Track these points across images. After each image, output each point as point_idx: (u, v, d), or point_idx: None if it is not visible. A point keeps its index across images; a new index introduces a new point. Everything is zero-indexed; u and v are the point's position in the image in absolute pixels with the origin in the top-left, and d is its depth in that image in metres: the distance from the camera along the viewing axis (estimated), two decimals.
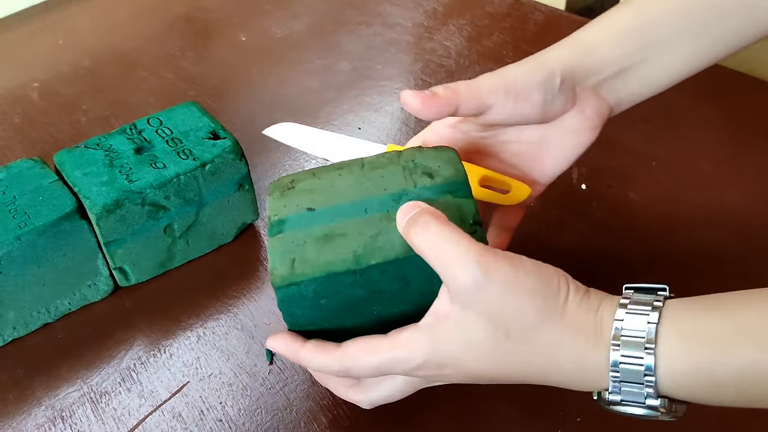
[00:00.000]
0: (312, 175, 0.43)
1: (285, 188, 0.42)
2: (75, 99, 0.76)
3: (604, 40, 0.47)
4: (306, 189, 0.42)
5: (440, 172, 0.42)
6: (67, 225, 0.51)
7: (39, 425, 0.49)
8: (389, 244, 0.39)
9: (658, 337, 0.35)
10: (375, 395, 0.42)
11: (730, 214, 0.62)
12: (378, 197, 0.41)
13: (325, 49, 0.83)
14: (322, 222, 0.41)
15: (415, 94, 0.43)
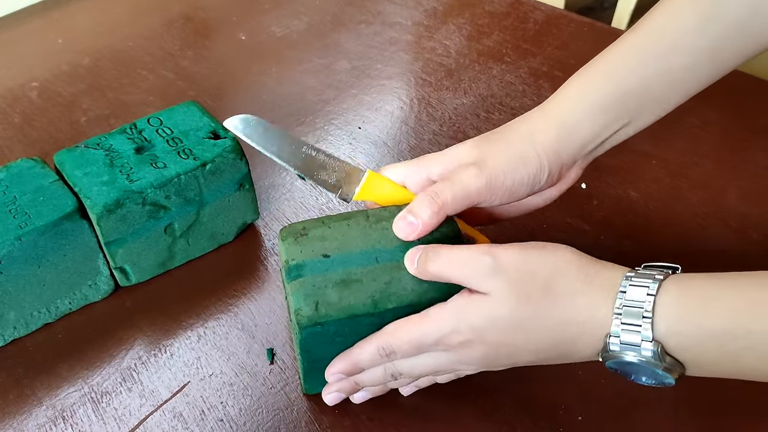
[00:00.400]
0: (322, 224, 0.48)
1: (298, 234, 0.47)
2: (74, 98, 0.76)
3: (586, 116, 0.47)
4: (318, 236, 0.47)
5: (438, 228, 0.46)
6: (68, 225, 0.51)
7: (40, 425, 0.49)
8: (402, 291, 0.44)
9: (658, 290, 0.38)
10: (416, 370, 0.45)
11: (730, 211, 0.62)
12: (387, 249, 0.46)
13: (325, 48, 0.83)
14: (338, 268, 0.45)
15: (408, 228, 0.45)
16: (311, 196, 0.65)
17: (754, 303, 0.37)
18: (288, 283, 0.46)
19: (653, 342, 0.38)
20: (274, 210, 0.63)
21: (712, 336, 0.37)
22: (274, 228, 0.62)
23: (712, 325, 0.37)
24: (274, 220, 0.62)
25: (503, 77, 0.78)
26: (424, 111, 0.74)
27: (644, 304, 0.38)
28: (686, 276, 0.40)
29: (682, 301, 0.38)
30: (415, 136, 0.71)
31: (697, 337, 0.38)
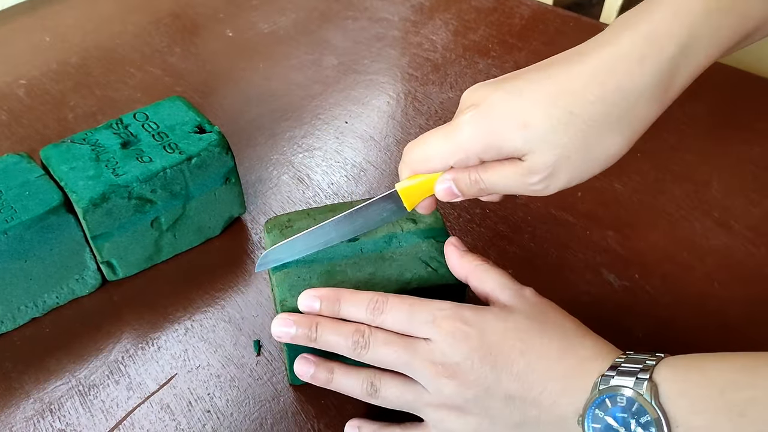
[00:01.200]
0: (306, 215, 0.49)
1: (283, 226, 0.48)
2: (62, 95, 0.76)
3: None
4: (303, 228, 0.47)
5: (422, 219, 0.48)
6: (54, 219, 0.51)
7: (27, 418, 0.49)
8: (386, 281, 0.45)
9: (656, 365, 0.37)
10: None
11: (713, 204, 0.62)
12: (371, 239, 0.47)
13: (312, 44, 0.83)
14: (323, 259, 0.46)
15: (451, 196, 0.44)
16: (298, 190, 0.65)
17: (756, 359, 0.35)
18: (273, 275, 0.46)
19: (649, 380, 0.36)
20: (261, 204, 0.64)
21: (712, 383, 0.35)
22: (260, 222, 0.62)
23: (713, 376, 0.35)
24: (261, 214, 0.63)
25: (489, 72, 0.78)
26: (411, 105, 0.74)
27: (645, 358, 0.37)
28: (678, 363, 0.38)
29: (679, 365, 0.37)
30: (402, 131, 0.71)
31: (695, 382, 0.36)
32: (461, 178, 0.42)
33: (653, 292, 0.55)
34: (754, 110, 0.72)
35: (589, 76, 0.39)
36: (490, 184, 0.42)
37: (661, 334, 0.52)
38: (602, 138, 0.39)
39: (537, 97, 0.39)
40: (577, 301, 0.55)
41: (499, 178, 0.41)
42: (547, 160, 0.39)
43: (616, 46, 0.39)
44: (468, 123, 0.40)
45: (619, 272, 0.57)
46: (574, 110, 0.39)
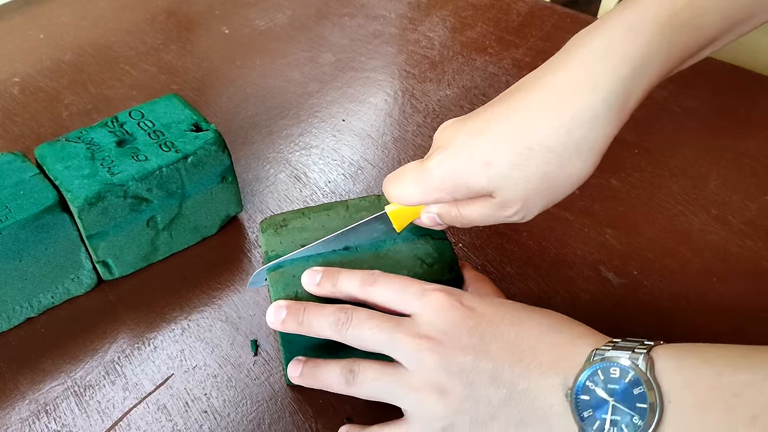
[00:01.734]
0: (302, 215, 0.48)
1: (278, 226, 0.48)
2: (57, 93, 0.76)
3: None
4: (298, 227, 0.47)
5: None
6: (49, 218, 0.51)
7: (23, 419, 0.48)
8: None
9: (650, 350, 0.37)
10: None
11: (711, 199, 0.62)
12: (367, 239, 0.46)
13: (309, 41, 0.83)
14: (317, 258, 0.45)
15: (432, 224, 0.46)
16: (295, 189, 0.65)
17: (755, 349, 0.35)
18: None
19: (646, 354, 0.36)
20: (258, 203, 0.63)
21: (708, 364, 0.35)
22: (257, 221, 0.62)
23: (710, 359, 0.35)
24: (258, 213, 0.62)
25: (486, 69, 0.78)
26: (408, 103, 0.74)
27: (636, 345, 0.37)
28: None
29: (676, 347, 0.37)
30: (399, 128, 0.71)
31: (690, 362, 0.35)
32: (444, 213, 0.44)
33: (652, 288, 0.55)
34: (750, 105, 0.72)
35: (544, 106, 0.40)
36: (469, 219, 0.43)
37: (660, 329, 0.52)
38: (564, 165, 0.40)
39: (497, 136, 0.40)
40: (576, 298, 0.55)
41: (476, 214, 0.43)
42: (516, 194, 0.41)
43: (570, 71, 0.40)
44: (436, 166, 0.42)
45: (617, 269, 0.57)
46: (532, 145, 0.39)
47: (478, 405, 0.38)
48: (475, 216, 0.43)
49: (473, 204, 0.43)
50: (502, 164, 0.40)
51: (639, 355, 0.36)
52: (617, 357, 0.36)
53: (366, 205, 0.49)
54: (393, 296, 0.41)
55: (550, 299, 0.55)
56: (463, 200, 0.43)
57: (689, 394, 0.34)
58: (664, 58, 0.39)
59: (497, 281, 0.56)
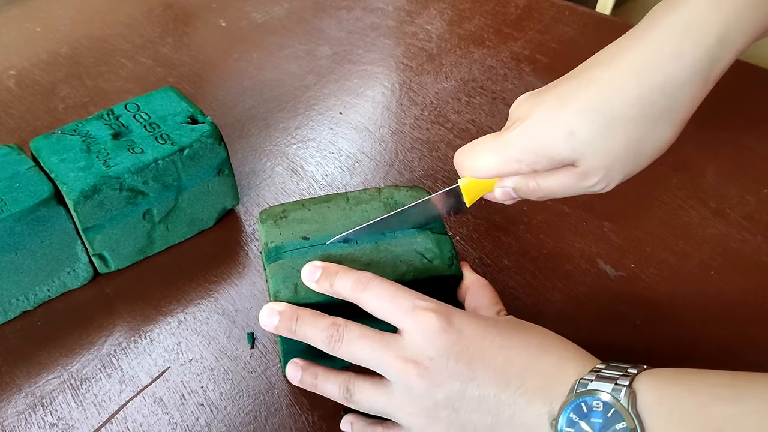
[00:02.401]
0: (301, 206, 0.48)
1: (277, 217, 0.47)
2: (53, 86, 0.75)
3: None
4: (298, 219, 0.47)
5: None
6: (45, 211, 0.50)
7: (19, 412, 0.48)
8: (382, 273, 0.43)
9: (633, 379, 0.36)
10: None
11: (709, 192, 0.62)
12: (367, 231, 0.46)
13: (306, 34, 0.83)
14: (317, 250, 0.45)
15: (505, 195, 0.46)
16: (292, 182, 0.64)
17: (741, 377, 0.35)
18: (267, 266, 0.46)
19: (628, 387, 0.35)
20: (255, 195, 0.63)
21: (692, 395, 0.35)
22: (254, 213, 0.61)
23: (695, 388, 0.35)
24: (255, 206, 0.62)
25: (484, 61, 0.78)
26: (406, 96, 0.74)
27: (625, 368, 0.37)
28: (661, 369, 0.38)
29: (661, 376, 0.36)
30: (397, 121, 0.71)
31: (673, 394, 0.35)
32: (521, 186, 0.44)
33: (650, 282, 0.55)
34: (749, 99, 0.71)
35: (627, 76, 0.40)
36: (549, 191, 0.44)
37: (658, 322, 0.52)
38: (648, 133, 0.41)
39: (579, 106, 0.41)
40: (574, 291, 0.54)
41: (557, 185, 0.43)
42: (599, 163, 0.41)
43: (653, 43, 0.40)
44: (517, 137, 0.42)
45: (615, 262, 0.57)
46: (615, 114, 0.40)
47: (464, 430, 0.39)
48: (556, 187, 0.43)
49: (554, 175, 0.43)
50: (586, 133, 0.40)
51: (621, 388, 0.35)
52: (600, 390, 0.36)
53: (366, 197, 0.49)
54: (383, 306, 0.41)
55: (547, 292, 0.54)
56: (542, 172, 0.43)
57: (671, 429, 0.34)
58: (748, 30, 0.39)
59: (494, 274, 0.56)
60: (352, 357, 0.41)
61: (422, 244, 0.46)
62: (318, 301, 0.43)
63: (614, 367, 0.37)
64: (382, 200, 0.49)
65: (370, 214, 0.47)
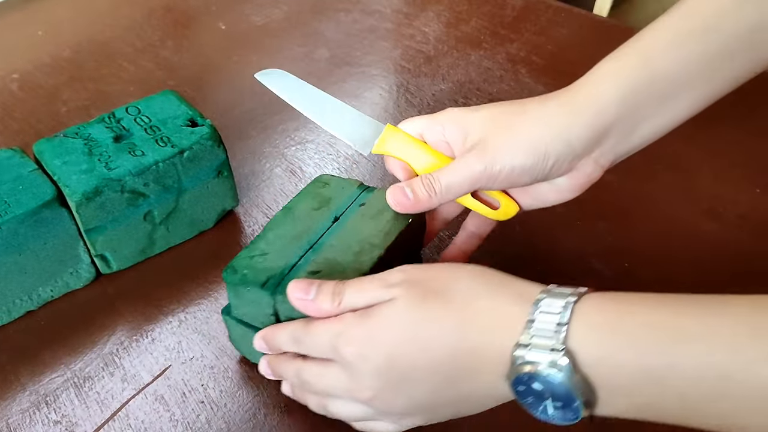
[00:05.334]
0: (254, 246, 0.47)
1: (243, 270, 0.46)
2: (55, 90, 0.77)
3: (611, 101, 0.44)
4: (259, 262, 0.46)
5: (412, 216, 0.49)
6: (48, 213, 0.51)
7: (23, 410, 0.49)
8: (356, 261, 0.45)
9: (577, 301, 0.36)
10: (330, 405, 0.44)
11: (702, 190, 0.63)
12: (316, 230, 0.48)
13: (304, 37, 0.84)
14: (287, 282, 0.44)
15: (403, 198, 0.47)
16: (290, 183, 0.65)
17: (680, 317, 0.34)
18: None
19: (564, 350, 0.34)
20: (254, 197, 0.64)
21: (630, 344, 0.34)
22: (253, 214, 0.62)
23: (633, 332, 0.34)
24: (254, 207, 0.63)
25: (481, 63, 0.79)
26: (403, 98, 0.75)
27: (560, 311, 0.35)
28: (610, 292, 0.37)
29: (601, 309, 0.35)
30: (394, 122, 0.71)
31: (612, 347, 0.34)
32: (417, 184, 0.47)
33: (643, 281, 0.56)
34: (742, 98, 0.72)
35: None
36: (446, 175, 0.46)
37: None
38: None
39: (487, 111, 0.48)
40: None
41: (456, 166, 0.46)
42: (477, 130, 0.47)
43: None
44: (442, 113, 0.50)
45: (608, 261, 0.57)
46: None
47: (436, 412, 0.41)
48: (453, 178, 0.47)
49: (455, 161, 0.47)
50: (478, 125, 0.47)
51: (558, 353, 0.34)
52: (537, 363, 0.35)
53: (304, 207, 0.50)
54: (317, 350, 0.42)
55: None
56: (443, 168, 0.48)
57: (616, 382, 0.34)
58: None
59: None
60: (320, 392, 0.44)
61: (372, 229, 0.47)
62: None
63: (542, 335, 0.35)
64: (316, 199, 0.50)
65: (314, 221, 0.48)
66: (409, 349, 0.38)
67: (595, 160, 0.46)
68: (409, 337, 0.38)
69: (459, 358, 0.37)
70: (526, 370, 0.35)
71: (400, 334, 0.38)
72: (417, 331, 0.38)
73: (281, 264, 0.45)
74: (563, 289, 0.37)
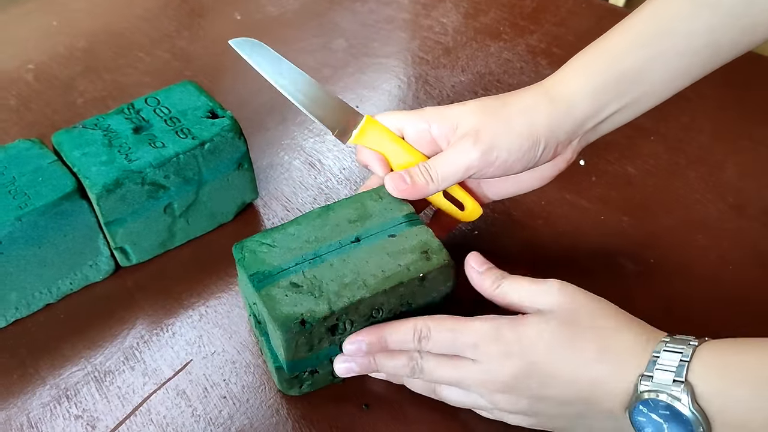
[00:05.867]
0: (274, 231, 0.48)
1: (257, 246, 0.47)
2: (71, 80, 0.76)
3: (584, 94, 0.48)
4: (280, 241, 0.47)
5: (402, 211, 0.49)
6: (68, 205, 0.51)
7: (44, 404, 0.49)
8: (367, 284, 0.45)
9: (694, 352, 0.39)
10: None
11: (727, 186, 0.62)
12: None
13: (321, 27, 0.83)
14: (317, 262, 0.46)
15: (401, 184, 0.48)
16: (309, 176, 0.65)
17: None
18: (261, 291, 0.45)
19: (685, 383, 0.38)
20: (273, 189, 0.63)
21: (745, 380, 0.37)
22: (273, 207, 0.62)
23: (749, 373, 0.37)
24: (273, 200, 0.62)
25: (501, 55, 0.78)
26: (422, 89, 0.74)
27: (683, 351, 0.39)
28: (726, 339, 0.40)
29: (720, 352, 0.39)
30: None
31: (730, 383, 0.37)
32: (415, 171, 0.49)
33: (668, 276, 0.55)
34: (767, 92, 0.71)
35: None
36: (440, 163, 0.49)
37: (676, 317, 0.52)
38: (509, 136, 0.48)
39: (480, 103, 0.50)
40: (592, 286, 0.54)
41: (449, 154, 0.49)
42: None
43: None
44: (429, 108, 0.51)
45: (633, 257, 0.57)
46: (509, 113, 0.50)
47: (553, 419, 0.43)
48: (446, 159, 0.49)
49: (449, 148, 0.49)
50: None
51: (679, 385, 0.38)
52: (659, 392, 0.38)
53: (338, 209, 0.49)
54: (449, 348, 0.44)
55: None
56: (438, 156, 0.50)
57: (730, 416, 0.37)
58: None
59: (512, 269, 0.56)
60: (435, 381, 0.46)
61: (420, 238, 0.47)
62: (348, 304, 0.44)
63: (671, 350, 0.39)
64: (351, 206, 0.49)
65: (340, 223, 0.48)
66: (551, 363, 0.41)
67: (572, 147, 0.50)
68: (556, 354, 0.41)
69: (594, 382, 0.40)
70: (647, 397, 0.38)
71: (549, 348, 0.41)
72: (564, 350, 0.41)
73: (276, 263, 0.45)
74: (684, 336, 0.40)
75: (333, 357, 0.46)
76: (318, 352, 0.45)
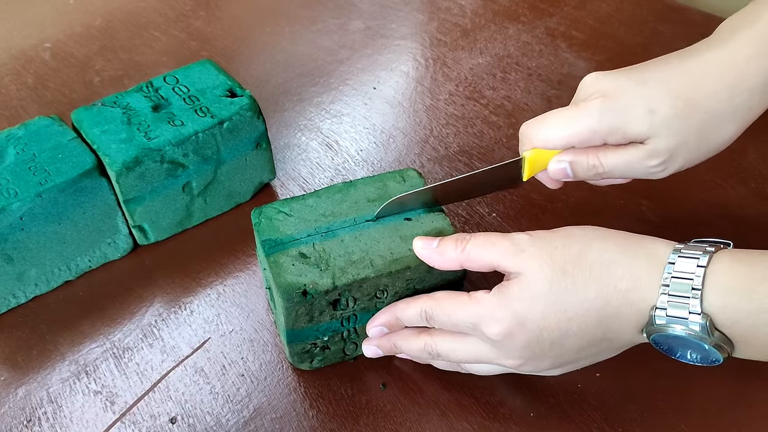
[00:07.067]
0: (294, 201, 0.48)
1: (275, 213, 0.48)
2: (88, 59, 0.76)
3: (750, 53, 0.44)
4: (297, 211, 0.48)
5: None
6: (87, 182, 0.51)
7: (64, 379, 0.49)
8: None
9: (709, 262, 0.38)
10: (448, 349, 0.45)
11: (749, 171, 0.61)
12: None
13: (338, 8, 0.82)
14: (332, 235, 0.46)
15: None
16: (327, 156, 0.64)
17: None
18: (271, 257, 0.45)
19: (702, 315, 0.37)
20: (290, 170, 0.63)
21: (764, 309, 0.36)
22: (290, 188, 0.62)
23: (765, 296, 0.36)
24: (290, 180, 0.62)
25: (519, 37, 0.77)
26: (440, 71, 0.73)
27: (694, 276, 0.37)
28: (739, 250, 0.39)
29: (733, 273, 0.37)
30: (431, 96, 0.70)
31: (749, 310, 0.37)
32: (579, 161, 0.45)
33: None
34: None
35: (710, 70, 0.43)
36: (609, 167, 0.45)
37: None
38: (718, 126, 0.44)
39: (663, 87, 0.43)
40: None
41: (619, 161, 0.44)
42: (669, 144, 0.43)
43: (734, 47, 0.44)
44: (597, 108, 0.43)
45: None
46: (697, 102, 0.43)
47: (577, 362, 0.43)
48: (617, 163, 0.44)
49: (620, 151, 0.44)
50: (666, 113, 0.42)
51: (696, 317, 0.37)
52: (672, 326, 0.38)
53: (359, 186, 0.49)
54: (452, 327, 0.43)
55: None
56: (607, 147, 0.44)
57: (753, 338, 0.37)
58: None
59: None
60: (456, 362, 0.46)
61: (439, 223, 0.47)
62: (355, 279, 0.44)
63: (678, 298, 0.38)
64: (374, 186, 0.49)
65: (361, 203, 0.48)
66: (557, 320, 0.40)
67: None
68: (557, 309, 0.39)
69: (604, 321, 0.40)
70: (665, 331, 0.38)
71: (547, 307, 0.40)
72: (563, 302, 0.39)
73: (289, 232, 0.46)
74: (693, 251, 0.38)
75: (335, 331, 0.46)
76: (318, 324, 0.45)
